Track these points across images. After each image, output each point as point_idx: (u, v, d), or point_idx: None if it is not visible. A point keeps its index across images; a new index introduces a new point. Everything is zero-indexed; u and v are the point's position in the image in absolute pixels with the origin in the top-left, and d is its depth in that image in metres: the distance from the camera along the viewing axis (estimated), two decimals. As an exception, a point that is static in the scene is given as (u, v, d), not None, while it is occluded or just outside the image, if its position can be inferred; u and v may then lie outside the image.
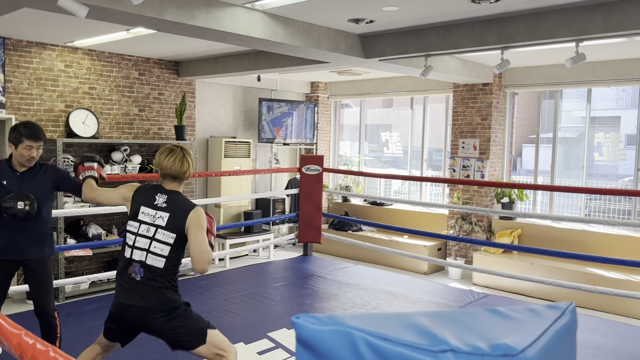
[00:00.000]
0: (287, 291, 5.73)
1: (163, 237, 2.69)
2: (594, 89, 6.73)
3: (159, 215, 2.72)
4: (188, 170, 2.81)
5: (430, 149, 9.84)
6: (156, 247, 2.68)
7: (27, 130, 3.23)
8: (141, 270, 2.67)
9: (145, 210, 2.75)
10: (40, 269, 3.38)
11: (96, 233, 6.01)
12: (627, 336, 4.65)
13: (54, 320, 3.43)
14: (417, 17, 4.65)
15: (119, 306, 2.72)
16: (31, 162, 3.30)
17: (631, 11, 3.96)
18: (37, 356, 1.27)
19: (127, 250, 2.74)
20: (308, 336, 0.83)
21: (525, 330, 0.85)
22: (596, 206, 8.96)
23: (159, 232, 2.69)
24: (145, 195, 2.79)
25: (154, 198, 2.76)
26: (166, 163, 2.78)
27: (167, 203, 2.74)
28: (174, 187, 2.82)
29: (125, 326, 2.77)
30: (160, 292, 2.66)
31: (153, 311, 2.65)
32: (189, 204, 2.77)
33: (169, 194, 2.77)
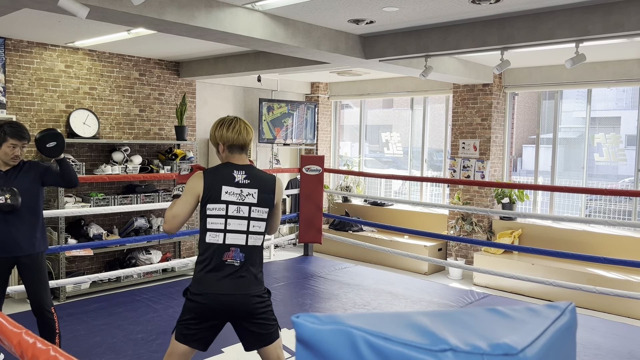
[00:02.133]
0: (288, 291, 5.74)
1: (258, 214, 2.56)
2: (594, 90, 6.73)
3: (247, 192, 2.55)
4: (251, 136, 2.68)
5: (431, 150, 9.84)
6: (255, 225, 2.55)
7: (12, 130, 3.30)
8: (241, 254, 2.51)
9: (228, 190, 2.53)
10: (34, 265, 3.41)
11: (97, 233, 6.01)
12: (627, 336, 4.65)
13: (52, 316, 3.45)
14: (417, 17, 4.65)
15: (216, 298, 2.46)
16: (15, 161, 3.37)
17: (631, 12, 3.96)
18: (38, 355, 1.27)
19: (215, 235, 2.51)
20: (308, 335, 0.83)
21: (525, 330, 0.85)
22: (596, 207, 8.96)
23: (254, 210, 2.55)
24: (219, 175, 2.56)
25: (233, 176, 2.56)
26: (231, 134, 2.59)
27: (249, 179, 2.57)
28: (244, 160, 2.65)
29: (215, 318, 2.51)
30: (260, 273, 2.56)
31: (253, 297, 2.50)
32: (269, 175, 2.66)
33: (245, 169, 2.60)
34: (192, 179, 2.59)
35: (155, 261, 6.44)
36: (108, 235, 6.21)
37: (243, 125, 2.64)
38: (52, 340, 3.44)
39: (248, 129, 2.66)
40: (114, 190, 6.51)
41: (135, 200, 6.27)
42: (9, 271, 3.44)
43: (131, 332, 4.46)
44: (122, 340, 4.30)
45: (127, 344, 4.24)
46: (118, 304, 5.24)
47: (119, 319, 4.80)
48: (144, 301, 5.32)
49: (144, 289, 5.78)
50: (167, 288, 5.81)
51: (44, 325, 3.43)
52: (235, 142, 2.61)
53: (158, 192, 6.58)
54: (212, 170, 2.60)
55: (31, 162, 3.52)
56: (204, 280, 2.49)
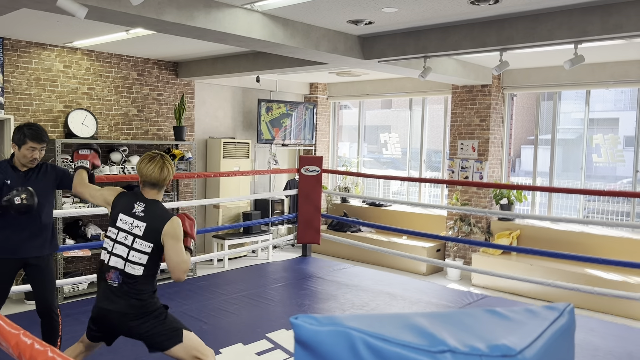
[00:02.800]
0: (286, 292, 5.73)
1: (140, 246, 2.71)
2: (592, 91, 6.73)
3: (137, 224, 2.74)
4: (167, 177, 2.83)
5: (429, 150, 9.84)
6: (134, 255, 2.71)
7: (31, 132, 3.31)
8: (119, 277, 2.71)
9: (123, 218, 2.76)
10: (43, 267, 3.42)
11: (95, 233, 6.00)
12: (626, 337, 4.65)
13: (57, 319, 3.47)
14: (416, 18, 4.65)
15: (99, 310, 2.76)
16: (33, 164, 3.39)
17: (630, 13, 3.96)
18: (36, 356, 1.27)
19: (105, 255, 2.78)
20: (307, 337, 0.83)
21: (523, 331, 0.85)
22: (594, 207, 8.96)
23: (137, 242, 2.72)
24: (125, 202, 2.81)
25: (133, 206, 2.77)
26: (146, 170, 2.79)
27: (144, 212, 2.75)
28: (153, 196, 2.83)
29: (106, 329, 2.83)
30: (137, 299, 2.71)
31: (128, 316, 2.70)
32: (166, 214, 2.78)
33: (147, 203, 2.79)
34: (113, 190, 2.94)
35: (153, 262, 6.43)
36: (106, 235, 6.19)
37: (160, 165, 2.80)
38: (55, 342, 3.45)
39: (165, 168, 2.81)
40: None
41: (134, 200, 6.25)
42: (16, 272, 3.44)
43: (129, 333, 4.44)
44: (120, 341, 4.27)
45: (125, 344, 4.22)
46: (116, 304, 5.22)
47: (117, 319, 4.78)
48: (142, 302, 5.30)
49: (142, 290, 5.76)
50: (166, 289, 5.80)
51: (48, 326, 3.45)
52: (146, 178, 2.81)
53: (156, 192, 6.57)
54: (124, 195, 2.88)
55: (47, 164, 3.54)
56: (97, 292, 2.83)
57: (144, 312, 2.73)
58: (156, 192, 2.85)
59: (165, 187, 2.89)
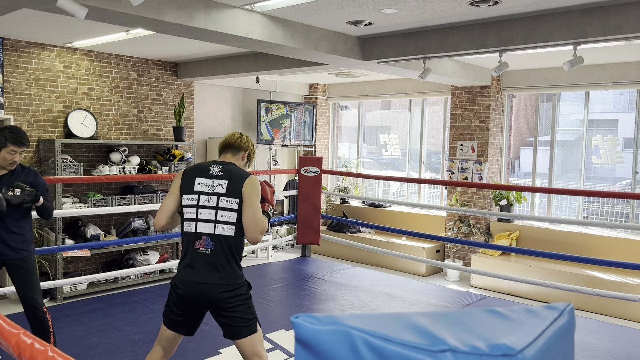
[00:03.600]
0: (286, 292, 5.73)
1: (227, 203, 2.63)
2: (591, 92, 6.74)
3: (217, 183, 2.65)
4: (241, 140, 2.86)
5: (429, 151, 9.84)
6: (223, 215, 2.61)
7: (13, 136, 3.33)
8: (211, 243, 2.59)
9: (201, 181, 2.67)
10: (24, 266, 3.48)
11: (94, 234, 6.00)
12: (624, 338, 4.66)
13: (44, 315, 3.50)
14: (416, 19, 4.66)
15: (188, 285, 2.59)
16: (12, 166, 3.42)
17: (629, 15, 3.97)
18: (36, 356, 1.27)
19: (189, 225, 2.64)
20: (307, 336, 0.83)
21: (523, 331, 0.86)
22: (594, 209, 8.97)
23: (222, 200, 2.63)
24: (198, 170, 2.73)
25: (209, 169, 2.71)
26: (223, 139, 2.89)
27: (222, 171, 2.70)
28: (229, 159, 2.83)
29: (194, 308, 2.64)
30: (230, 265, 2.61)
31: (222, 286, 2.57)
32: (245, 172, 2.75)
33: (223, 164, 2.75)
34: (176, 175, 2.79)
35: (152, 262, 6.43)
36: (106, 236, 6.20)
37: (238, 134, 2.91)
38: (47, 339, 3.48)
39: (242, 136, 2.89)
40: (111, 190, 6.50)
41: (133, 201, 6.26)
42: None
43: (128, 333, 4.45)
44: (119, 341, 4.29)
45: (124, 344, 4.23)
46: (115, 304, 5.23)
47: (117, 319, 4.79)
48: (142, 302, 5.31)
49: (141, 290, 5.77)
50: (165, 289, 5.79)
51: (37, 324, 3.48)
52: (222, 143, 2.88)
53: (156, 193, 6.57)
54: (195, 165, 2.79)
55: (30, 169, 3.56)
56: (181, 268, 2.66)
57: (237, 284, 2.62)
58: (231, 156, 2.84)
59: (240, 153, 2.86)
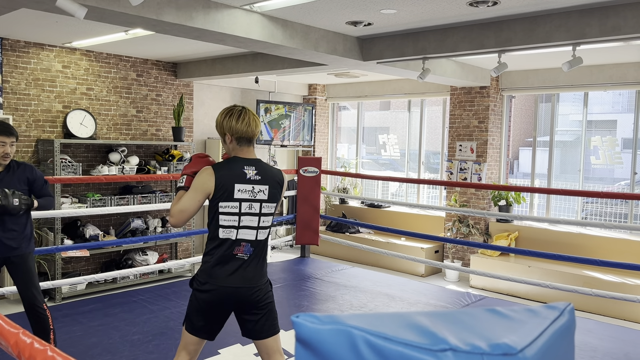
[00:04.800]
0: (285, 293, 5.73)
1: (268, 209, 2.60)
2: (590, 93, 6.75)
3: (258, 189, 2.56)
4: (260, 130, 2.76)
5: (428, 152, 9.84)
6: (264, 221, 2.59)
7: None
8: (251, 249, 2.57)
9: (241, 188, 2.53)
10: (24, 265, 3.50)
11: (93, 234, 5.99)
12: (623, 339, 4.66)
13: (44, 312, 3.53)
14: (415, 20, 4.66)
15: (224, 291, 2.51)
16: (5, 160, 3.41)
17: (628, 15, 3.98)
18: (35, 355, 1.27)
19: (230, 232, 2.52)
20: (308, 335, 0.83)
21: (524, 330, 0.85)
22: (593, 209, 8.98)
23: (264, 206, 2.58)
24: (230, 171, 2.53)
25: (244, 172, 2.55)
26: (240, 126, 2.55)
27: (260, 175, 2.58)
28: (253, 154, 2.63)
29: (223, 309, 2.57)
30: (265, 266, 2.64)
31: (260, 286, 2.58)
32: (276, 169, 2.69)
33: (255, 164, 2.59)
34: (202, 176, 2.52)
35: (151, 262, 6.43)
36: (104, 236, 6.19)
37: (252, 117, 2.59)
38: (47, 337, 3.52)
39: (257, 120, 2.61)
40: (110, 191, 6.49)
41: (132, 201, 6.25)
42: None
43: (127, 333, 4.44)
44: (118, 342, 4.29)
45: (123, 345, 4.23)
46: (114, 305, 5.22)
47: (115, 320, 4.78)
48: (141, 302, 5.30)
49: (140, 290, 5.76)
50: (164, 289, 5.80)
51: (37, 322, 3.51)
52: (244, 134, 2.56)
53: (155, 193, 6.57)
54: (222, 166, 2.55)
55: (26, 164, 3.56)
56: (214, 274, 2.52)
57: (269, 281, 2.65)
58: (253, 149, 2.64)
59: None
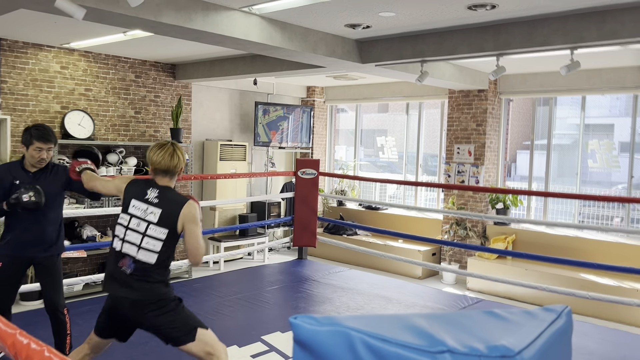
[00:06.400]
0: (282, 294, 5.73)
1: (155, 232, 2.67)
2: (588, 97, 6.77)
3: (151, 210, 2.69)
4: (179, 164, 2.79)
5: (426, 154, 9.85)
6: (148, 242, 2.66)
7: (38, 133, 3.36)
8: (132, 264, 2.66)
9: (136, 204, 2.72)
10: (51, 267, 3.51)
11: (91, 235, 5.98)
12: (620, 342, 4.67)
13: (64, 317, 3.56)
14: (414, 23, 4.67)
15: (113, 299, 2.72)
16: (42, 164, 3.43)
17: (625, 19, 3.99)
18: (32, 356, 1.27)
19: (117, 242, 2.73)
20: (306, 337, 0.83)
21: (522, 332, 0.86)
22: (590, 213, 9.00)
23: (151, 228, 2.67)
24: (137, 188, 2.78)
25: (145, 192, 2.74)
26: (156, 158, 2.76)
27: (158, 198, 2.72)
28: (166, 183, 2.79)
29: (118, 319, 2.76)
30: (151, 286, 2.67)
31: (144, 305, 2.65)
32: (181, 198, 2.75)
33: (160, 189, 2.75)
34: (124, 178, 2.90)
35: (149, 263, 6.41)
36: (102, 237, 6.18)
37: (170, 152, 2.76)
38: (64, 340, 3.57)
39: (175, 155, 2.77)
40: (108, 192, 6.48)
41: (130, 202, 6.24)
42: (24, 270, 3.53)
43: (124, 335, 4.43)
44: (115, 343, 4.26)
45: (119, 346, 4.20)
46: (111, 306, 5.20)
47: (112, 321, 4.76)
48: (137, 304, 5.29)
49: (137, 292, 5.74)
50: (161, 291, 5.79)
51: (57, 325, 3.56)
52: (157, 166, 2.77)
53: (152, 194, 6.55)
54: (136, 182, 2.83)
55: (59, 166, 3.59)
56: (106, 280, 2.78)
57: (160, 303, 2.68)
58: (168, 180, 2.80)
59: (177, 174, 2.83)
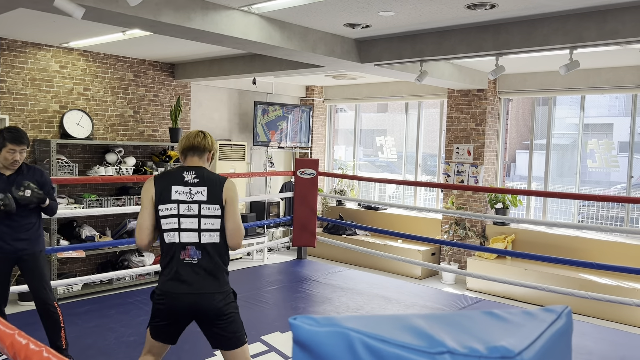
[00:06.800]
0: (281, 295, 5.72)
1: (209, 211, 2.56)
2: (587, 97, 6.77)
3: (196, 190, 2.57)
4: (204, 141, 2.68)
5: (425, 154, 9.85)
6: (207, 223, 2.55)
7: (10, 135, 3.41)
8: (197, 252, 2.53)
9: (178, 189, 2.56)
10: (35, 263, 3.58)
11: (89, 234, 5.97)
12: (619, 342, 4.67)
13: (55, 310, 3.61)
14: (413, 22, 4.67)
15: (174, 297, 2.52)
16: (15, 166, 3.49)
17: (626, 19, 3.99)
18: (31, 356, 1.26)
19: (172, 236, 2.55)
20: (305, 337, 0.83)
21: (522, 333, 0.85)
22: (589, 212, 9.00)
23: (204, 208, 2.56)
24: (169, 177, 2.62)
25: (182, 176, 2.59)
26: (185, 141, 2.69)
27: (197, 178, 2.59)
28: (196, 163, 2.68)
29: (180, 318, 2.57)
30: (219, 273, 2.57)
31: (213, 295, 2.53)
32: (220, 176, 2.67)
33: (195, 169, 2.63)
34: (144, 186, 2.64)
35: (147, 263, 6.41)
36: (101, 237, 6.17)
37: (196, 133, 2.71)
38: (58, 335, 3.62)
39: (205, 136, 2.71)
40: (107, 191, 6.47)
41: (129, 202, 6.24)
42: (11, 267, 3.59)
43: (123, 335, 4.43)
44: (114, 343, 4.27)
45: (119, 346, 4.22)
46: (110, 306, 5.21)
47: (111, 321, 4.76)
48: (136, 304, 5.29)
49: (136, 292, 5.75)
50: (160, 290, 5.78)
51: (49, 320, 3.60)
52: (186, 145, 2.69)
53: (152, 194, 6.55)
54: (163, 174, 2.68)
55: (35, 167, 3.64)
56: (166, 281, 2.56)
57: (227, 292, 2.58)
58: (198, 159, 2.68)
59: (206, 153, 2.71)
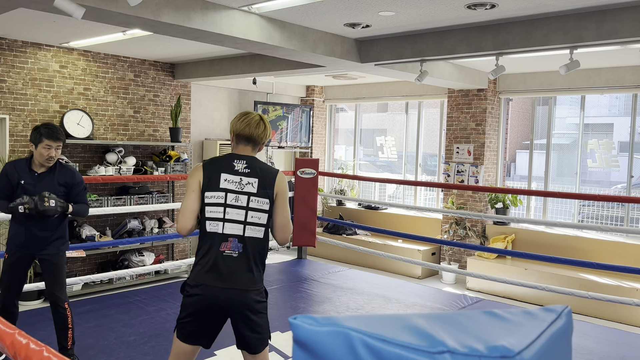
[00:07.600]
0: (281, 294, 5.72)
1: (258, 204, 2.45)
2: (587, 96, 6.77)
3: (246, 181, 2.46)
4: (264, 134, 2.54)
5: (425, 154, 9.86)
6: (253, 216, 2.44)
7: (47, 131, 3.46)
8: (239, 245, 2.42)
9: (228, 178, 2.45)
10: (51, 263, 3.62)
11: (90, 234, 5.98)
12: (619, 342, 4.67)
13: (64, 312, 3.66)
14: (413, 22, 4.67)
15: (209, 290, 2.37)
16: (50, 162, 3.51)
17: (625, 19, 3.99)
18: (31, 356, 1.26)
19: (216, 225, 2.42)
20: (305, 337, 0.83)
21: (522, 333, 0.85)
22: (589, 212, 9.00)
23: (252, 200, 2.45)
24: (219, 164, 2.49)
25: (232, 165, 2.47)
26: (240, 125, 2.53)
27: (249, 168, 2.48)
28: (249, 153, 2.55)
29: (213, 314, 2.42)
30: (257, 269, 2.46)
31: (249, 292, 2.41)
32: (272, 168, 2.56)
33: (247, 159, 2.51)
34: (192, 171, 2.51)
35: (148, 263, 6.41)
36: (101, 236, 6.18)
37: (257, 120, 2.55)
38: (65, 334, 3.67)
39: (262, 124, 2.55)
40: (107, 191, 6.47)
41: (129, 201, 6.24)
42: (28, 265, 3.65)
43: (123, 335, 4.43)
44: (114, 343, 4.27)
45: (119, 346, 4.22)
46: (110, 306, 5.21)
47: (111, 321, 4.77)
48: (137, 303, 5.29)
49: (136, 291, 5.75)
50: (160, 290, 5.79)
51: (57, 319, 3.66)
52: (241, 132, 2.53)
53: (152, 193, 6.56)
54: (213, 160, 2.54)
55: (67, 168, 3.65)
56: (202, 272, 2.41)
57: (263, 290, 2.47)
58: (251, 150, 2.56)
59: (260, 145, 2.58)
